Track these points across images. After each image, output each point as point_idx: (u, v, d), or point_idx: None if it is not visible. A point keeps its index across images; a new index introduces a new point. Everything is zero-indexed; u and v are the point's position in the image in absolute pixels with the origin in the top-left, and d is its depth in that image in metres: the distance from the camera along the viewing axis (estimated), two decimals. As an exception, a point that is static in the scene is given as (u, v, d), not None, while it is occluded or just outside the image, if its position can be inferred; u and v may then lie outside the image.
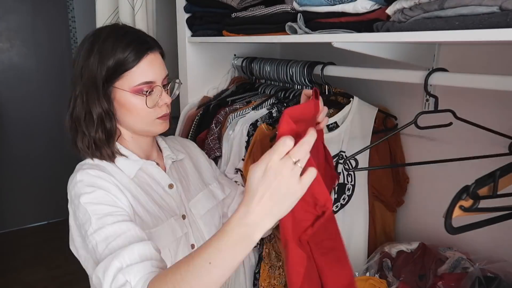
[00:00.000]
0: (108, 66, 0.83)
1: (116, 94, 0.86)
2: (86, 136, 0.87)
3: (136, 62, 0.84)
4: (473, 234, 1.10)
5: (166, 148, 1.02)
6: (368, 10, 0.88)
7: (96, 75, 0.84)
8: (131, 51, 0.83)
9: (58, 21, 3.21)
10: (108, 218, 0.76)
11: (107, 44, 0.84)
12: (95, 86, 0.84)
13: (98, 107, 0.85)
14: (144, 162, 0.94)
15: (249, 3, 1.25)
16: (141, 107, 0.86)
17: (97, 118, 0.85)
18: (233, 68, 1.58)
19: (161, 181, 0.96)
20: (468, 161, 1.10)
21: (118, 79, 0.84)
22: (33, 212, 3.32)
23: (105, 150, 0.87)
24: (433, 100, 0.88)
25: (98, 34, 0.88)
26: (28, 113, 3.20)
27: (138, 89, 0.85)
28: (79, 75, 0.86)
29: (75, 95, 0.87)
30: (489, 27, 0.61)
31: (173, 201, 0.96)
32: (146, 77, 0.85)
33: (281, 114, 0.66)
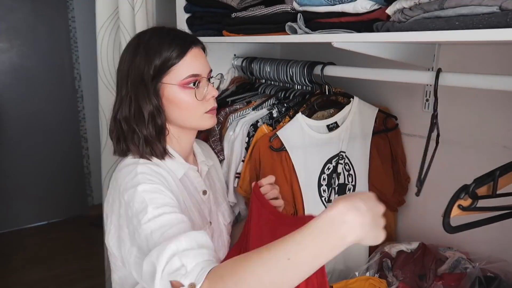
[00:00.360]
0: (155, 64, 0.84)
1: (165, 90, 0.86)
2: (136, 134, 0.86)
3: (181, 56, 0.85)
4: (473, 234, 1.11)
5: (200, 154, 1.02)
6: (368, 10, 0.88)
7: (143, 73, 0.84)
8: (176, 47, 0.85)
9: (58, 21, 3.21)
10: (166, 208, 0.75)
11: (152, 43, 0.85)
12: (144, 84, 0.85)
13: (148, 104, 0.85)
14: (189, 166, 0.94)
15: (249, 3, 1.25)
16: (191, 101, 0.87)
17: (148, 115, 0.85)
18: (233, 68, 1.58)
19: (198, 186, 0.96)
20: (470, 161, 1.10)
21: (166, 74, 0.85)
22: (33, 212, 3.32)
23: (156, 146, 0.87)
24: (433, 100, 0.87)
25: (142, 35, 0.89)
26: (28, 113, 3.19)
27: (186, 82, 0.86)
28: (125, 76, 0.87)
29: (121, 96, 0.88)
30: (489, 27, 0.61)
31: (206, 208, 0.96)
32: (193, 70, 0.86)
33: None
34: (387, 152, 1.25)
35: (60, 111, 3.30)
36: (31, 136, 3.22)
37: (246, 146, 1.15)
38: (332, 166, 1.18)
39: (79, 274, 2.64)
